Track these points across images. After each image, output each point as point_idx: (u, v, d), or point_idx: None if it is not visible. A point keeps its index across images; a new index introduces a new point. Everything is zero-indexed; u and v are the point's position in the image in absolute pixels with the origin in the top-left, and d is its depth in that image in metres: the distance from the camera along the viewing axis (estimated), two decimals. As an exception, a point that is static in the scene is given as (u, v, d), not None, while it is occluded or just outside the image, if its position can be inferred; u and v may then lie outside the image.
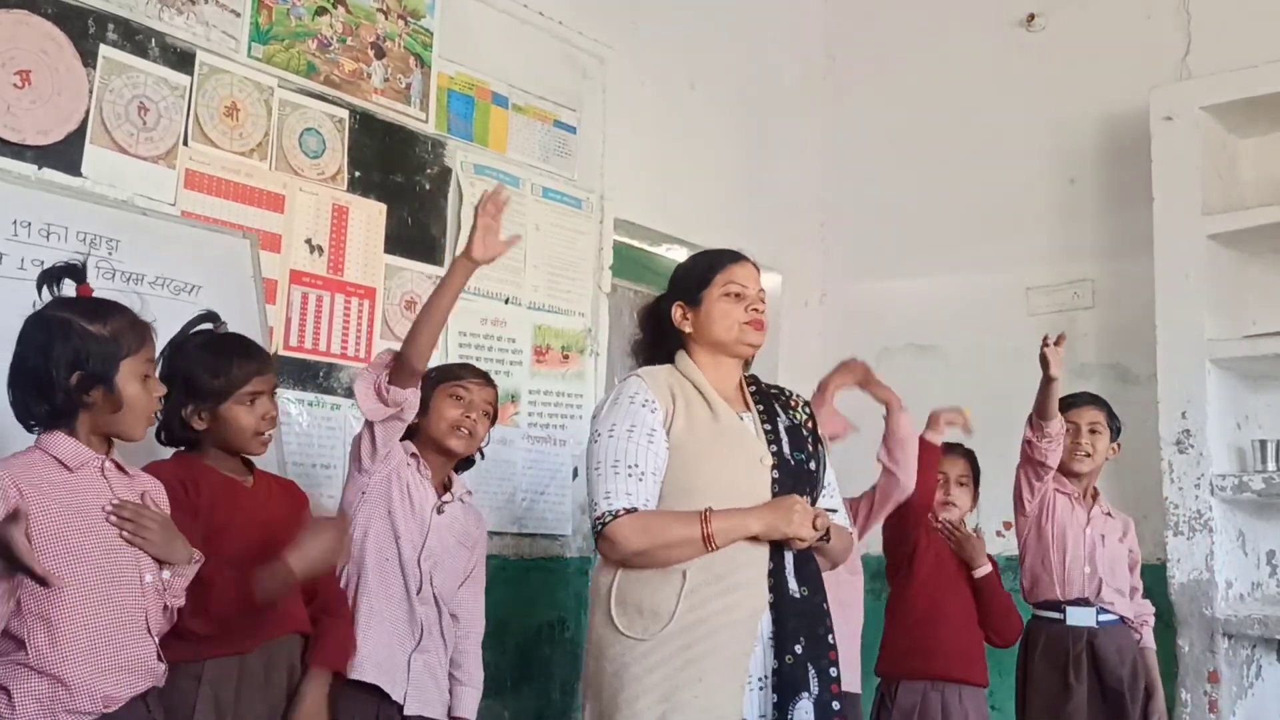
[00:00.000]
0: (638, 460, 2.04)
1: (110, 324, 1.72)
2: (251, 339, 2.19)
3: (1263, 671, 3.42)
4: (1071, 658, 2.86)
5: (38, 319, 1.73)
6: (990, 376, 4.10)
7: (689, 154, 4.04)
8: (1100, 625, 2.88)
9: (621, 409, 2.08)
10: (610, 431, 2.06)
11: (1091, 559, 2.93)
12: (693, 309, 2.20)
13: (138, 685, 1.70)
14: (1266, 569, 3.54)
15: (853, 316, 4.52)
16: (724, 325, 2.18)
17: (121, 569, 1.69)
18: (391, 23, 3.13)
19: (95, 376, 1.69)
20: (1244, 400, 3.56)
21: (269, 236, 2.79)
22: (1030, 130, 4.13)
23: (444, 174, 3.23)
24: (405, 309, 3.10)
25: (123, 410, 1.73)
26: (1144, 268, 3.54)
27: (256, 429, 2.04)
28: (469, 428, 2.33)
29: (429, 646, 2.29)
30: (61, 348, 1.68)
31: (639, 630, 2.00)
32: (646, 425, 2.06)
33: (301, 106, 2.90)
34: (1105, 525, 3.01)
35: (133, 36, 2.57)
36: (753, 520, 2.01)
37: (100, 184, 2.48)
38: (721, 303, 2.19)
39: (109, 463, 1.75)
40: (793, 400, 2.31)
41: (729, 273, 2.21)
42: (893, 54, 4.54)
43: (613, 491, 2.02)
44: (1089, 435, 3.02)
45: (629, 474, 2.03)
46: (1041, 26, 4.16)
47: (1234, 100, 3.45)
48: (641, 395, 2.09)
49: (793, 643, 2.01)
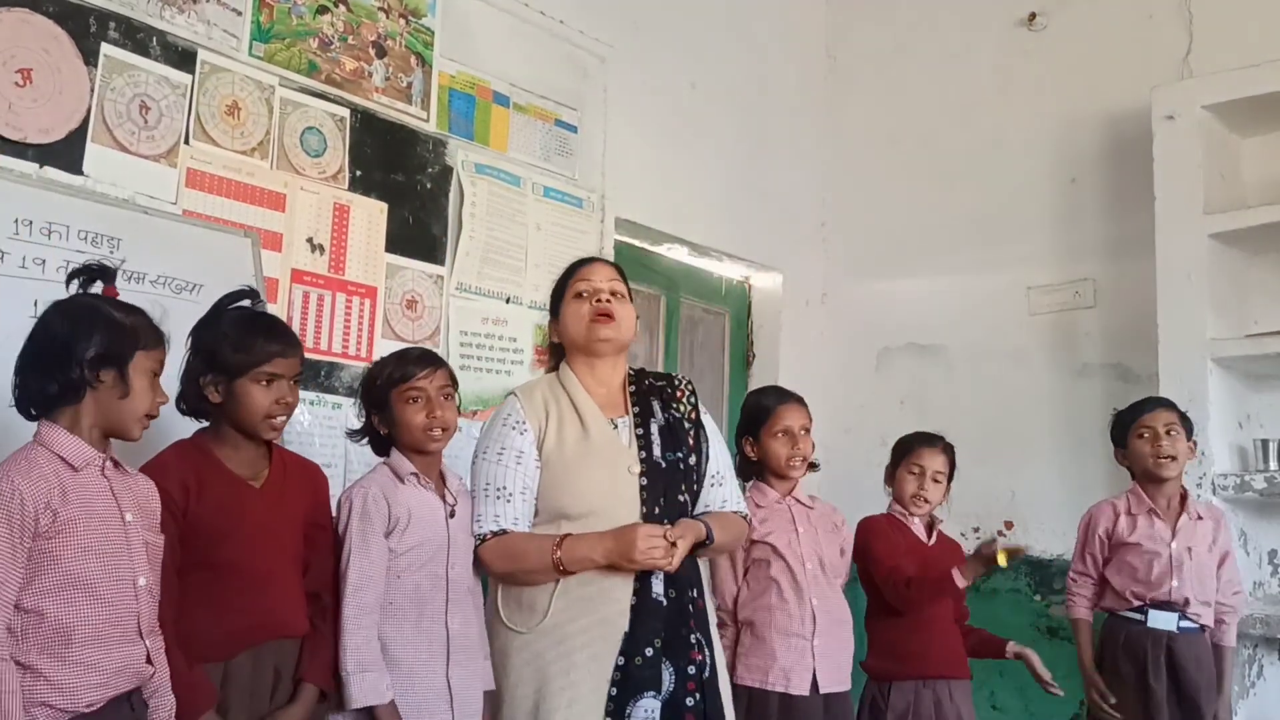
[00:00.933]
0: (505, 482, 2.22)
1: (132, 317, 1.78)
2: (286, 324, 2.18)
3: (1265, 671, 3.42)
4: (1150, 659, 2.80)
5: (65, 302, 1.78)
6: (991, 376, 4.11)
7: (690, 153, 4.04)
8: (1180, 631, 2.81)
9: (495, 432, 2.27)
10: (484, 454, 2.26)
11: (1179, 573, 2.82)
12: (555, 320, 2.38)
13: (124, 685, 1.70)
14: (1268, 568, 3.54)
15: (854, 316, 4.52)
16: (575, 326, 2.32)
17: (119, 571, 1.70)
18: (392, 21, 3.13)
19: (111, 357, 1.72)
20: (1246, 400, 3.56)
21: (270, 235, 2.79)
22: (1031, 129, 4.13)
23: (445, 173, 3.23)
24: (406, 308, 3.10)
25: (127, 399, 1.74)
26: (1145, 267, 3.54)
27: (269, 412, 2.01)
28: (439, 424, 2.29)
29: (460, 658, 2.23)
30: (87, 325, 1.73)
31: (519, 623, 2.20)
32: (515, 447, 2.24)
33: (302, 105, 2.90)
34: (1194, 534, 2.88)
35: (134, 35, 2.57)
36: (599, 553, 2.13)
37: (102, 183, 2.48)
38: (572, 304, 2.34)
39: (109, 462, 1.76)
40: (678, 391, 2.40)
41: (576, 276, 2.36)
42: (894, 53, 4.54)
43: (484, 515, 2.22)
44: (1167, 438, 2.88)
45: (498, 496, 2.22)
46: (1043, 26, 4.15)
47: (1236, 99, 3.45)
48: (514, 417, 2.27)
49: (644, 645, 2.14)
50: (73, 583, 1.65)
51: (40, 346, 1.73)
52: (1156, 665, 2.79)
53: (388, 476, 2.26)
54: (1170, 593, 2.82)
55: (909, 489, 2.92)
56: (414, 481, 2.26)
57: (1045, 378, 3.99)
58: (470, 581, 2.31)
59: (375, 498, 2.19)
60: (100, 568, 1.68)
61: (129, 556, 1.72)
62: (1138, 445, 2.92)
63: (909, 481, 2.93)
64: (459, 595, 2.25)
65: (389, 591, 2.19)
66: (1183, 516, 2.89)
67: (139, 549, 1.75)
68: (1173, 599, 2.82)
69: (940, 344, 4.28)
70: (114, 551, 1.71)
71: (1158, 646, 2.81)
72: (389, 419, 2.27)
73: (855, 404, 4.34)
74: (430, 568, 2.22)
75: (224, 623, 1.94)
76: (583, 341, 2.31)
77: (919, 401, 4.26)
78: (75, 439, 1.71)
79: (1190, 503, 2.93)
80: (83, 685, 1.65)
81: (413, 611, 2.20)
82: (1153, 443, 2.89)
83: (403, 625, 2.18)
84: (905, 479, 2.94)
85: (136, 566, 1.73)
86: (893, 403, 4.31)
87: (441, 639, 2.21)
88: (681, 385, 2.42)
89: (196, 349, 1.99)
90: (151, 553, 1.79)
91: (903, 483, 2.94)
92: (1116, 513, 2.96)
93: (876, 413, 4.30)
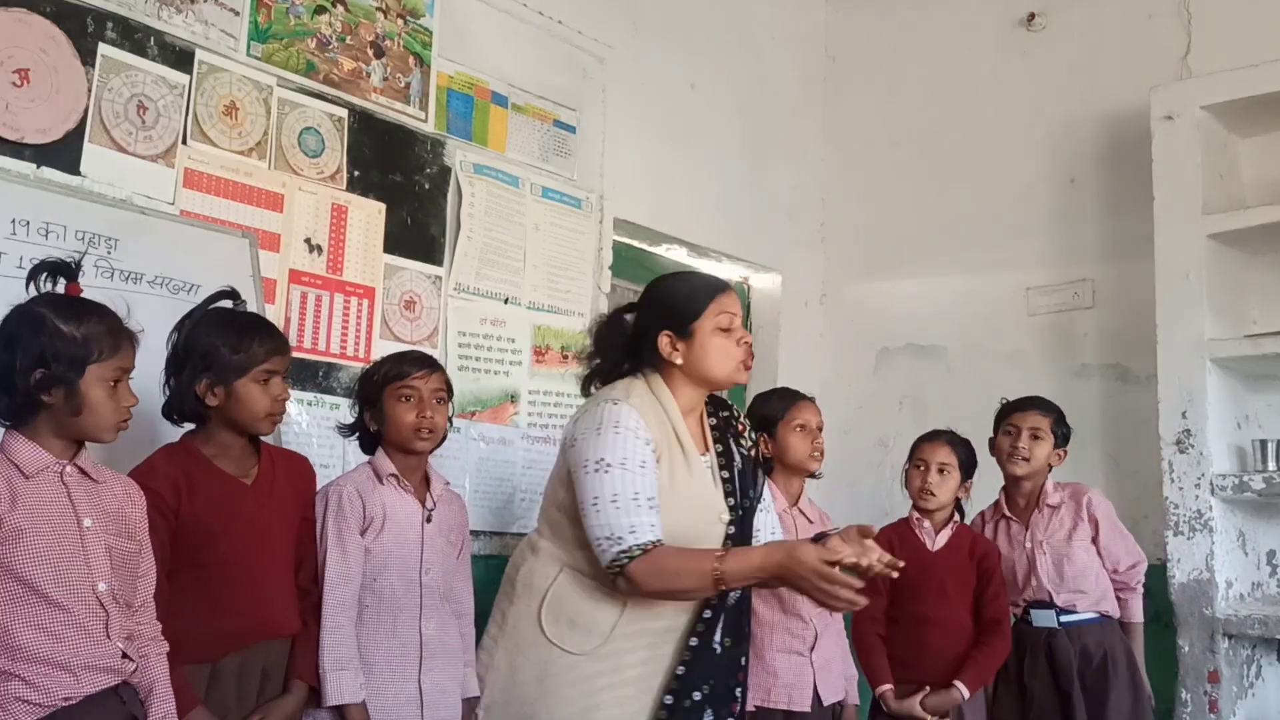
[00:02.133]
0: (653, 493, 2.03)
1: (85, 326, 1.70)
2: (270, 320, 2.19)
3: (1263, 672, 3.41)
4: (1028, 658, 2.85)
5: (15, 312, 1.72)
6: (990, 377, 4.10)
7: (689, 154, 4.04)
8: (1064, 626, 2.84)
9: (628, 442, 2.04)
10: (623, 464, 2.01)
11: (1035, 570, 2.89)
12: (683, 340, 2.14)
13: (99, 682, 1.68)
14: (1267, 569, 3.54)
15: (853, 317, 4.52)
16: (720, 361, 2.14)
17: (71, 576, 1.67)
18: (391, 22, 3.12)
19: (56, 377, 1.66)
20: (1244, 400, 3.56)
21: (268, 236, 2.79)
22: (1030, 130, 4.13)
23: (443, 173, 3.22)
24: (404, 309, 3.10)
25: (83, 415, 1.69)
26: (1144, 268, 3.53)
27: (269, 409, 2.04)
28: (428, 426, 2.28)
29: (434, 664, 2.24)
30: (29, 343, 1.66)
31: (569, 643, 2.05)
32: (650, 463, 2.05)
33: (300, 105, 2.89)
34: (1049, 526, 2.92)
35: (131, 35, 2.57)
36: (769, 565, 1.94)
37: (99, 183, 2.48)
38: (716, 337, 2.14)
39: (70, 468, 1.72)
40: (739, 425, 2.31)
41: (720, 303, 2.16)
42: (893, 54, 4.53)
43: (638, 525, 1.98)
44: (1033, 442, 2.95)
45: (650, 506, 2.01)
46: (1042, 26, 4.15)
47: (1235, 100, 3.44)
48: (644, 433, 2.06)
49: (694, 689, 2.06)
50: (23, 589, 1.63)
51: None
52: (1034, 662, 2.85)
53: (367, 475, 2.26)
54: (1033, 591, 2.87)
55: (915, 485, 2.94)
56: (393, 483, 2.26)
57: (1044, 378, 3.98)
58: (445, 588, 2.30)
59: (350, 496, 2.20)
60: (51, 574, 1.65)
61: (85, 562, 1.69)
62: (1001, 440, 3.00)
63: (914, 477, 2.95)
64: (433, 601, 2.24)
65: (362, 594, 2.19)
66: (1034, 512, 2.93)
67: (98, 555, 1.71)
68: (1038, 597, 2.87)
69: (939, 345, 4.28)
70: (66, 558, 1.67)
71: (1036, 645, 2.85)
72: (380, 415, 2.28)
73: (854, 405, 4.34)
74: (403, 571, 2.22)
75: (214, 622, 1.94)
76: (723, 379, 2.16)
77: (918, 402, 4.25)
78: (33, 446, 1.69)
79: (1045, 495, 2.95)
80: (54, 681, 1.63)
81: (386, 615, 2.20)
82: (1013, 441, 2.96)
83: (376, 628, 2.19)
84: (911, 476, 2.97)
85: (95, 572, 1.70)
86: (891, 404, 4.31)
87: (414, 644, 2.21)
88: (742, 420, 2.33)
89: (187, 355, 1.96)
90: (117, 558, 1.75)
91: (910, 480, 2.97)
92: (982, 524, 3.04)
93: (875, 414, 4.30)
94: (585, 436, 2.06)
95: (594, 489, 2.01)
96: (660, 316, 2.18)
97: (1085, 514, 2.93)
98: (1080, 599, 2.88)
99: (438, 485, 2.36)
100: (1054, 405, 3.07)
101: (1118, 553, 2.96)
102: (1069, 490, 2.99)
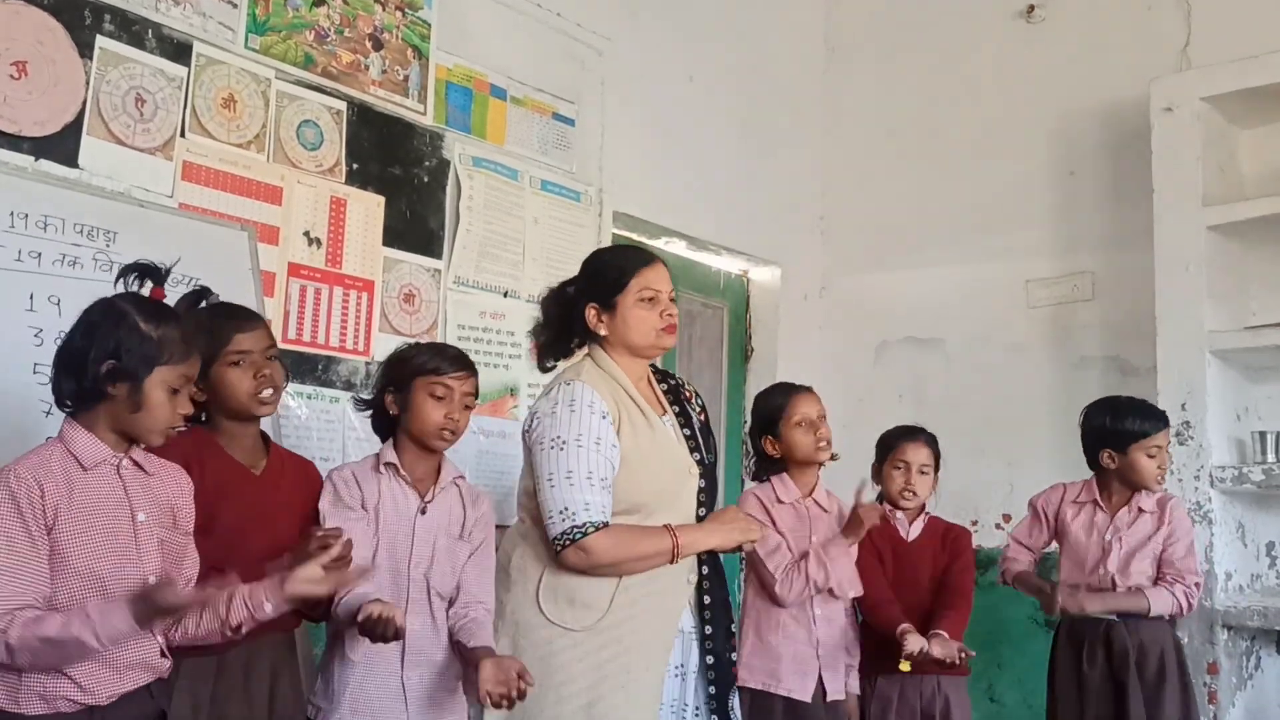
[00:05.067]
0: (605, 474, 2.12)
1: (161, 328, 1.73)
2: (240, 305, 2.18)
3: (1262, 663, 3.42)
4: (1086, 646, 2.83)
5: (101, 302, 1.76)
6: (990, 369, 4.11)
7: (688, 146, 4.04)
8: (1123, 619, 2.82)
9: (583, 418, 2.14)
10: (578, 440, 2.11)
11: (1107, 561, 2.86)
12: (607, 313, 2.25)
13: (139, 680, 1.72)
14: (1266, 560, 3.54)
15: (852, 310, 4.51)
16: (640, 331, 2.24)
17: (126, 570, 1.70)
18: (389, 14, 3.12)
19: (126, 371, 1.70)
20: (1244, 392, 3.56)
21: (267, 229, 2.78)
22: (1030, 122, 4.12)
23: (442, 166, 3.22)
24: (404, 302, 3.09)
25: (141, 413, 1.72)
26: (1144, 259, 3.53)
27: (253, 390, 2.03)
28: (452, 428, 2.25)
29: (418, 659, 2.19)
30: (107, 333, 1.70)
31: (570, 620, 2.12)
32: (609, 438, 2.16)
33: (299, 98, 2.89)
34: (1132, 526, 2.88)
35: (129, 27, 2.56)
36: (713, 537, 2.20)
37: (97, 176, 2.48)
38: (638, 309, 2.24)
39: (127, 461, 1.75)
40: (687, 393, 2.41)
41: (643, 277, 2.25)
42: (892, 46, 4.53)
43: (592, 504, 2.09)
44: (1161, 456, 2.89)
45: (602, 487, 2.11)
46: (1041, 18, 4.15)
47: (1234, 91, 3.44)
48: (599, 406, 2.16)
49: (720, 642, 2.23)
50: (79, 581, 1.66)
51: (67, 345, 1.74)
52: (1092, 652, 2.83)
53: (369, 464, 2.25)
54: (1098, 579, 2.86)
55: (896, 485, 2.93)
56: (391, 473, 2.23)
57: (1044, 371, 3.99)
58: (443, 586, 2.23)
59: (347, 479, 2.20)
60: (107, 566, 1.68)
61: (138, 555, 1.72)
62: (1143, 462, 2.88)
63: (895, 478, 2.94)
64: (419, 595, 2.21)
65: None
66: (1123, 510, 2.91)
67: (150, 547, 1.75)
68: (1102, 585, 2.85)
69: (939, 337, 4.27)
70: (121, 549, 1.71)
71: (1095, 634, 2.84)
72: (405, 402, 2.24)
73: (854, 397, 4.33)
74: (391, 564, 2.19)
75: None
76: (645, 347, 2.26)
77: (917, 395, 4.25)
78: (92, 438, 1.72)
79: (1140, 496, 2.91)
80: (97, 679, 1.66)
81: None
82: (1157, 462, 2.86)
83: None
84: (891, 475, 2.95)
85: (147, 565, 1.73)
86: (891, 396, 4.31)
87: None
88: (689, 387, 2.44)
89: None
90: (168, 550, 1.79)
91: (890, 479, 2.95)
92: (1063, 499, 3.00)
93: (875, 406, 4.29)
94: (543, 417, 2.17)
95: (549, 466, 2.12)
96: (588, 290, 2.28)
97: (1167, 519, 2.89)
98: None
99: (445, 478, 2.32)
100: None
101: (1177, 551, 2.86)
102: (1157, 499, 2.94)
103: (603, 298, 2.25)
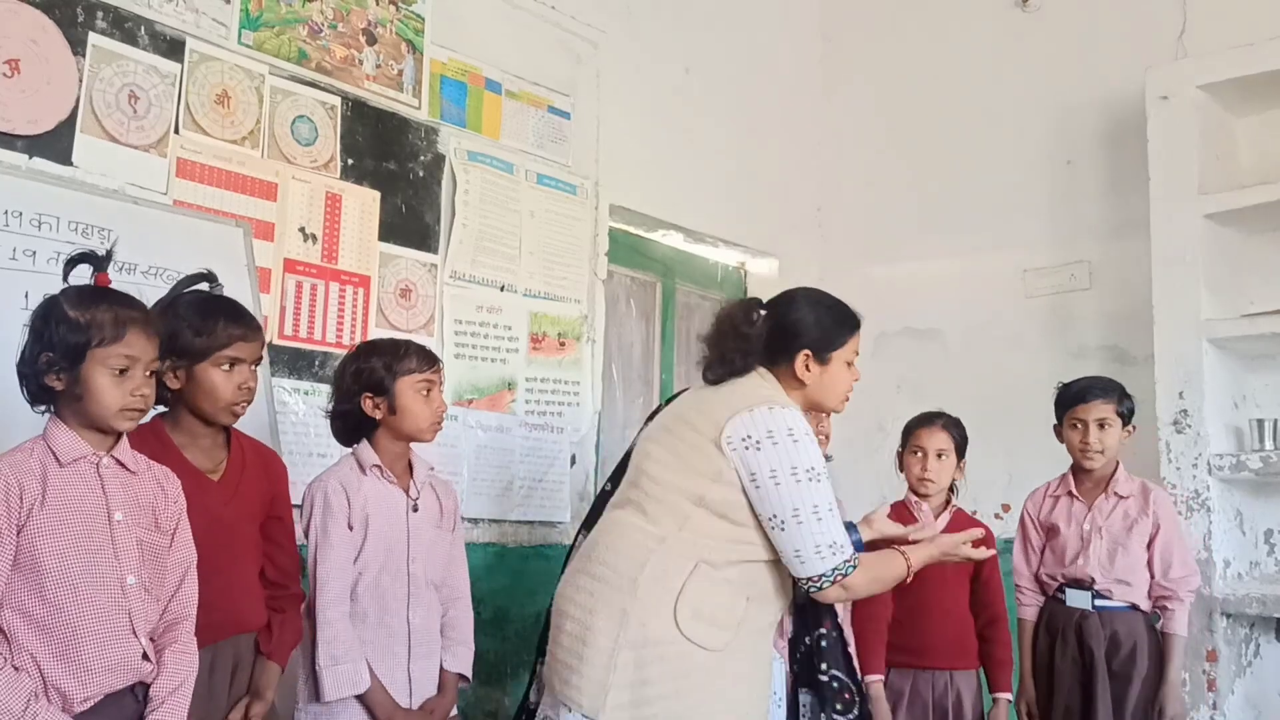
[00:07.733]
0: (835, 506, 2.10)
1: (89, 312, 1.69)
2: (247, 310, 2.15)
3: (1261, 650, 3.42)
4: (1060, 636, 2.84)
5: (42, 302, 1.74)
6: (988, 360, 4.11)
7: (684, 139, 4.03)
8: (1097, 610, 2.83)
9: (810, 448, 2.06)
10: (815, 472, 2.04)
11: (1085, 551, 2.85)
12: (818, 364, 2.19)
13: (119, 682, 1.69)
14: (1264, 548, 3.55)
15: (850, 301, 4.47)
16: (837, 394, 2.23)
17: (102, 571, 1.68)
18: (383, 8, 3.11)
19: (56, 362, 1.68)
20: (1241, 380, 3.56)
21: (262, 225, 2.78)
22: (1027, 112, 4.12)
23: (437, 161, 3.21)
24: (400, 297, 3.09)
25: (87, 400, 1.68)
26: (1141, 249, 3.53)
27: (231, 398, 1.98)
28: (441, 419, 2.29)
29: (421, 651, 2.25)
30: (41, 329, 1.69)
31: (709, 641, 1.99)
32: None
33: (293, 94, 2.88)
34: (1111, 513, 2.87)
35: (122, 24, 2.55)
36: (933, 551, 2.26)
37: (91, 173, 2.47)
38: (845, 370, 2.22)
39: (107, 459, 1.72)
40: None
41: (857, 339, 2.25)
42: (888, 36, 4.52)
43: (842, 540, 2.06)
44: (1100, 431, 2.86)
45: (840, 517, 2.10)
46: (1037, 7, 4.14)
47: (1230, 79, 3.43)
48: (811, 433, 2.10)
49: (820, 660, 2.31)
50: (50, 580, 1.63)
51: (20, 352, 1.72)
52: (1064, 641, 2.83)
53: (351, 468, 2.25)
54: (1077, 570, 2.85)
55: (914, 472, 2.92)
56: (376, 474, 2.24)
57: (1042, 361, 3.98)
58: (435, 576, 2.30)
59: (335, 490, 2.20)
60: (78, 565, 1.65)
61: (114, 555, 1.69)
62: (1069, 434, 2.93)
63: (913, 464, 2.92)
64: (419, 589, 2.24)
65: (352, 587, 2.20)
66: (1100, 496, 2.90)
67: (128, 548, 1.71)
68: (1079, 576, 2.85)
69: (936, 328, 4.27)
70: (95, 549, 1.67)
71: (1068, 624, 2.84)
72: (391, 404, 2.24)
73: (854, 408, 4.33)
74: (390, 562, 2.22)
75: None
76: (830, 405, 2.26)
77: (915, 386, 4.25)
78: (70, 434, 1.70)
79: (1115, 481, 2.89)
80: (75, 682, 1.63)
81: (374, 607, 2.20)
82: (1082, 436, 2.87)
83: (365, 619, 2.19)
84: (910, 462, 2.94)
85: (124, 565, 1.70)
86: (889, 387, 4.30)
87: (403, 634, 2.22)
88: None
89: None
90: (147, 551, 1.75)
91: (908, 467, 2.94)
92: (1044, 496, 3.01)
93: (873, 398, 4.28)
94: (770, 441, 2.03)
95: (808, 497, 2.02)
96: (805, 335, 2.20)
97: (1150, 511, 2.86)
98: (1120, 589, 2.83)
99: (421, 472, 2.34)
100: (1114, 384, 2.95)
101: (1171, 559, 2.86)
102: (1139, 484, 2.93)
103: (819, 349, 2.18)
